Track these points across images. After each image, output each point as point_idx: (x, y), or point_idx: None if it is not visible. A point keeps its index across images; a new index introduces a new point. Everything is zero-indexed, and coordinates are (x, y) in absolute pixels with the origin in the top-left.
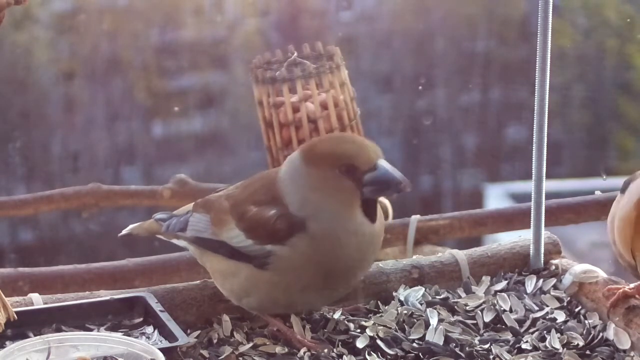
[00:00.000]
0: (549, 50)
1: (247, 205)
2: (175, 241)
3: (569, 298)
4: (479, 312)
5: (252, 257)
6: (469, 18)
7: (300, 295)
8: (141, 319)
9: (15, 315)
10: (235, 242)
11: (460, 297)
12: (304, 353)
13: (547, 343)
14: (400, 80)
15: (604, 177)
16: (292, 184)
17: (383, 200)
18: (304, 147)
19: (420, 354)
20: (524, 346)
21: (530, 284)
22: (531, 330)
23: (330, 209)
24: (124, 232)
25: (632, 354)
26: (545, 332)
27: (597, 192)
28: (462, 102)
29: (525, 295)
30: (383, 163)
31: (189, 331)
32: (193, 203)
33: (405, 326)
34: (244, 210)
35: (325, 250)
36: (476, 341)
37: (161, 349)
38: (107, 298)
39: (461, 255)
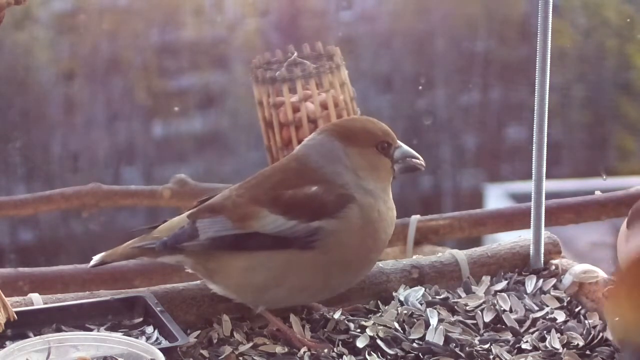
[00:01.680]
0: (549, 50)
1: (278, 191)
2: (165, 259)
3: (569, 298)
4: (479, 312)
5: (294, 239)
6: (469, 18)
7: (337, 276)
8: (141, 319)
9: (15, 315)
10: (272, 227)
11: (460, 297)
12: (304, 353)
13: (547, 343)
14: (400, 80)
15: (604, 177)
16: (330, 164)
17: None
18: (335, 129)
19: (420, 354)
20: (524, 346)
21: (530, 284)
22: (531, 330)
23: (372, 183)
24: (93, 262)
25: None
26: (545, 332)
27: (597, 192)
28: (462, 102)
29: (525, 295)
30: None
31: (189, 331)
32: (186, 214)
33: (405, 326)
34: (277, 195)
35: (371, 222)
36: (476, 341)
37: (161, 349)
38: (107, 298)
39: (461, 255)
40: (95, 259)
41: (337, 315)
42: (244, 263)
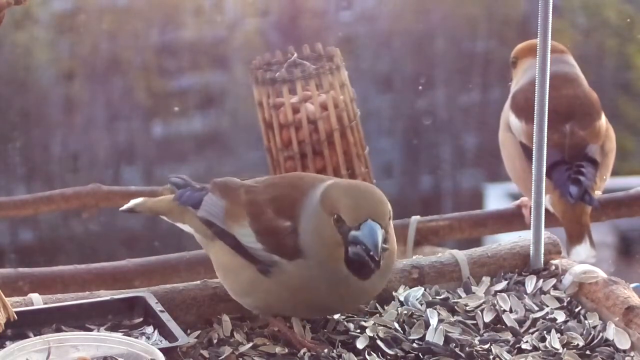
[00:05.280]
0: (549, 50)
1: (265, 207)
2: (180, 225)
3: (569, 298)
4: (479, 312)
5: (258, 260)
6: (469, 18)
7: (292, 308)
8: (141, 319)
9: (15, 315)
10: (246, 240)
11: (460, 297)
12: (304, 353)
13: (547, 343)
14: (400, 80)
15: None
16: (305, 215)
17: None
18: (324, 190)
19: (420, 354)
20: (524, 346)
21: (530, 284)
22: (531, 331)
23: (321, 251)
24: (125, 206)
25: (632, 354)
26: (545, 332)
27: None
28: (462, 102)
29: (525, 295)
30: (370, 226)
31: (189, 331)
32: (212, 181)
33: (405, 326)
34: (261, 211)
35: (310, 287)
36: (476, 341)
37: (161, 349)
38: (107, 298)
39: (461, 255)
40: (127, 205)
41: (337, 316)
42: (224, 260)
